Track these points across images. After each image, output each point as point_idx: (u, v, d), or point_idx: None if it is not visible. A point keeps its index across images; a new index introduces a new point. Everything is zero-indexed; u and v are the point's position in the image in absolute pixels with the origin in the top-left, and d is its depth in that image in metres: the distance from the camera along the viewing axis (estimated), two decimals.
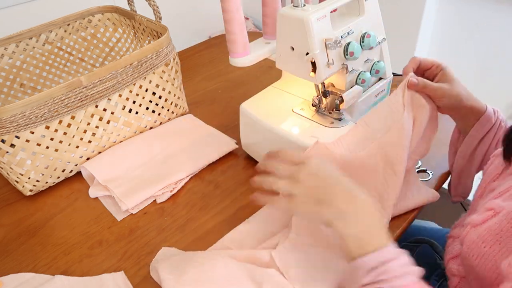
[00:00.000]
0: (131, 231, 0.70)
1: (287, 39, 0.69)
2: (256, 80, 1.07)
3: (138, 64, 0.78)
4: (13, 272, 0.64)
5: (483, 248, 0.49)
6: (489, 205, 0.51)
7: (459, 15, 1.44)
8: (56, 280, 0.61)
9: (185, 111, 0.95)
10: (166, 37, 0.81)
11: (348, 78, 0.71)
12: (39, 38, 0.90)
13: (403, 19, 1.45)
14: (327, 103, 0.75)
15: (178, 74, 0.88)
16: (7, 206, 0.77)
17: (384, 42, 0.75)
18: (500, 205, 0.49)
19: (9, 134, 0.67)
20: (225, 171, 0.81)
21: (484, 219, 0.51)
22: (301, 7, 0.66)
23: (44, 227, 0.72)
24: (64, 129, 0.74)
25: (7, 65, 0.88)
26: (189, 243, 0.67)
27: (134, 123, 0.85)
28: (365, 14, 0.70)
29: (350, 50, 0.67)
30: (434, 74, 0.65)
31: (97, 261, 0.65)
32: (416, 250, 0.79)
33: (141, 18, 0.89)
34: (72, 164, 0.79)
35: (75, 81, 0.71)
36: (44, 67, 0.93)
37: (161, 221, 0.71)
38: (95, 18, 0.97)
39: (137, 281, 0.62)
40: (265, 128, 0.74)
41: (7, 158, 0.70)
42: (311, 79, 0.69)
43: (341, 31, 0.67)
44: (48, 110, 0.69)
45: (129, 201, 0.73)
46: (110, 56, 1.02)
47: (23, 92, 0.92)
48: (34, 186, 0.75)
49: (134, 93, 0.81)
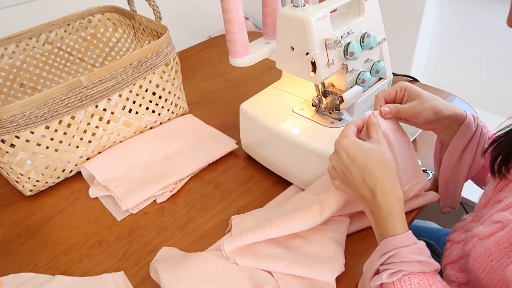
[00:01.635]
0: (131, 231, 0.70)
1: (287, 39, 0.69)
2: (256, 80, 1.07)
3: (138, 64, 0.78)
4: (13, 272, 0.64)
5: (490, 262, 0.48)
6: (496, 218, 0.50)
7: (459, 15, 1.44)
8: (56, 280, 0.61)
9: (185, 111, 0.95)
10: (166, 37, 0.81)
11: (348, 78, 0.71)
12: (39, 38, 0.90)
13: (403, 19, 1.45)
14: (327, 103, 0.75)
15: (178, 74, 0.88)
16: (7, 206, 0.77)
17: (384, 42, 0.75)
18: (508, 218, 0.48)
19: (9, 134, 0.67)
20: (225, 171, 0.81)
21: (491, 232, 0.50)
22: (301, 7, 0.66)
23: (44, 227, 0.72)
24: (64, 129, 0.74)
25: (7, 65, 0.88)
26: (189, 243, 0.67)
27: (134, 123, 0.85)
28: (365, 14, 0.70)
29: (350, 50, 0.67)
30: (401, 98, 0.64)
31: (97, 261, 0.65)
32: None
33: (141, 18, 0.89)
34: (72, 164, 0.79)
35: (75, 81, 0.71)
36: (44, 67, 0.93)
37: (161, 221, 0.71)
38: (95, 18, 0.97)
39: (137, 281, 0.62)
40: (265, 128, 0.74)
41: (7, 158, 0.70)
42: (311, 79, 0.69)
43: (341, 31, 0.67)
44: (48, 110, 0.69)
45: (129, 201, 0.73)
46: (110, 56, 1.02)
47: (23, 92, 0.92)
48: (34, 186, 0.75)
49: (134, 93, 0.81)
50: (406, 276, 0.48)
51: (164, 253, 0.65)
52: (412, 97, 0.62)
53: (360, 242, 0.64)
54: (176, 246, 0.66)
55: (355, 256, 0.62)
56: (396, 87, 0.63)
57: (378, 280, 0.50)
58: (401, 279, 0.48)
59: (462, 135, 0.63)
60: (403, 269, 0.48)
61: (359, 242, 0.64)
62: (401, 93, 0.63)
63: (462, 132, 0.63)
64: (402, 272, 0.48)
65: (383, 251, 0.50)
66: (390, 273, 0.49)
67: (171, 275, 0.58)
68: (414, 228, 0.86)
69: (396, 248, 0.49)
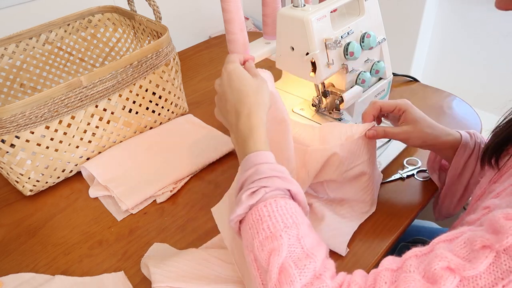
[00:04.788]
0: (131, 231, 0.70)
1: (287, 39, 0.69)
2: None
3: (138, 64, 0.78)
4: (13, 272, 0.64)
5: None
6: (485, 204, 0.51)
7: (459, 15, 1.44)
8: (56, 280, 0.61)
9: (185, 111, 0.95)
10: (166, 37, 0.81)
11: (348, 78, 0.71)
12: (39, 38, 0.90)
13: (403, 19, 1.45)
14: (327, 103, 0.75)
15: (178, 74, 0.88)
16: (7, 206, 0.77)
17: (384, 42, 0.75)
18: (495, 203, 0.49)
19: (9, 134, 0.67)
20: (225, 171, 0.81)
21: (479, 217, 0.51)
22: (301, 7, 0.66)
23: (44, 227, 0.72)
24: (64, 129, 0.74)
25: (7, 65, 0.88)
26: (189, 243, 0.67)
27: (134, 123, 0.85)
28: (365, 14, 0.70)
29: (350, 50, 0.67)
30: (398, 116, 0.64)
31: (97, 261, 0.65)
32: None
33: (141, 18, 0.89)
34: (72, 164, 0.79)
35: (75, 81, 0.71)
36: (44, 67, 0.93)
37: (161, 221, 0.71)
38: (95, 18, 0.97)
39: (137, 281, 0.62)
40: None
41: (7, 158, 0.70)
42: (311, 79, 0.69)
43: (341, 31, 0.67)
44: (48, 110, 0.69)
45: (129, 201, 0.73)
46: (110, 56, 1.02)
47: (23, 92, 0.92)
48: (34, 186, 0.75)
49: (134, 93, 0.81)
50: (270, 199, 0.45)
51: (156, 248, 0.66)
52: (407, 121, 0.63)
53: (360, 242, 0.64)
54: (176, 246, 0.66)
55: (356, 256, 0.62)
56: (397, 105, 0.63)
57: (239, 205, 0.46)
58: (267, 203, 0.45)
59: (460, 156, 0.64)
60: (264, 185, 0.46)
61: (359, 242, 0.64)
62: (399, 113, 0.64)
63: (459, 154, 0.63)
64: (264, 188, 0.46)
65: (243, 169, 0.49)
66: (251, 192, 0.46)
67: (162, 270, 0.59)
68: (414, 228, 0.86)
69: (256, 165, 0.47)
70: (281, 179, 0.47)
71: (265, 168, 0.47)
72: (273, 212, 0.45)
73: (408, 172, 0.75)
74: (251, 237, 0.45)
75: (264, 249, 0.43)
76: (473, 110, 0.91)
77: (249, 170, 0.48)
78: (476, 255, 0.35)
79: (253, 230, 0.45)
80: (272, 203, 0.45)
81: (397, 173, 0.75)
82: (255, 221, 0.45)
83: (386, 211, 0.68)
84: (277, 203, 0.45)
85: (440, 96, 0.97)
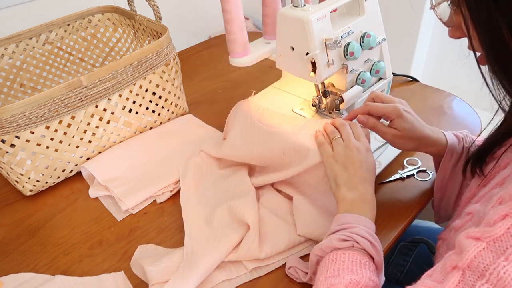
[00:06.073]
0: (131, 231, 0.70)
1: (287, 39, 0.69)
2: (256, 80, 1.07)
3: (138, 64, 0.78)
4: (13, 272, 0.64)
5: None
6: (468, 210, 0.52)
7: None
8: (56, 280, 0.61)
9: (185, 111, 0.95)
10: (166, 37, 0.81)
11: (348, 78, 0.71)
12: (39, 38, 0.90)
13: (403, 19, 1.45)
14: (327, 103, 0.75)
15: (178, 74, 0.88)
16: (7, 206, 0.77)
17: (384, 42, 0.75)
18: (476, 209, 0.50)
19: (9, 134, 0.67)
20: None
21: (463, 223, 0.51)
22: (301, 7, 0.66)
23: (44, 227, 0.72)
24: (64, 129, 0.74)
25: (7, 65, 0.88)
26: None
27: (134, 123, 0.85)
28: (365, 14, 0.70)
29: (350, 50, 0.67)
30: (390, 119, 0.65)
31: (97, 261, 0.65)
32: (415, 250, 0.79)
33: (141, 18, 0.89)
34: (72, 164, 0.79)
35: (75, 81, 0.71)
36: (44, 67, 0.93)
37: (161, 221, 0.71)
38: (95, 18, 0.97)
39: (137, 281, 0.62)
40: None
41: (7, 158, 0.70)
42: (311, 79, 0.69)
43: (341, 31, 0.67)
44: (48, 110, 0.69)
45: (129, 201, 0.73)
46: (110, 56, 1.02)
47: (23, 92, 0.92)
48: (34, 186, 0.75)
49: (134, 93, 0.81)
50: (354, 249, 0.51)
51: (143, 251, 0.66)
52: (397, 126, 0.64)
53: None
54: (176, 246, 0.66)
55: None
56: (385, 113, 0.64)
57: (329, 241, 0.52)
58: (346, 251, 0.51)
59: (447, 161, 0.65)
60: (355, 239, 0.51)
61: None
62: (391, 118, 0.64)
63: (445, 160, 0.65)
64: (353, 242, 0.51)
65: (346, 221, 0.54)
66: (342, 238, 0.52)
67: (157, 268, 0.60)
68: (414, 228, 0.86)
69: (362, 225, 0.53)
70: (371, 245, 0.51)
71: (365, 232, 0.52)
72: (349, 260, 0.50)
73: (408, 172, 0.75)
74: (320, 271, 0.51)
75: (325, 283, 0.49)
76: (473, 110, 0.91)
77: (354, 224, 0.54)
78: (447, 276, 0.39)
79: (323, 267, 0.51)
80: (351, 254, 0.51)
81: (397, 173, 0.75)
82: (330, 261, 0.51)
83: (386, 211, 0.68)
84: (356, 256, 0.50)
85: (440, 96, 0.97)
